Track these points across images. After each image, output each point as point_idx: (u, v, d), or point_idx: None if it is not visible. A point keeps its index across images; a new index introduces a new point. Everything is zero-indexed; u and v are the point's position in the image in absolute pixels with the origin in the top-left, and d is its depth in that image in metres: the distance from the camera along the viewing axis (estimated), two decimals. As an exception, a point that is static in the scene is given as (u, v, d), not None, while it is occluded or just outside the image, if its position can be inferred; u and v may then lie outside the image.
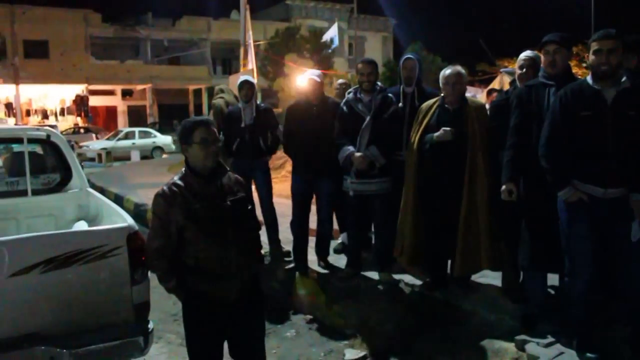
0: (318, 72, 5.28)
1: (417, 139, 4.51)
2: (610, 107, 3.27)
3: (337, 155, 4.89)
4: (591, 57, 3.31)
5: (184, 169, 2.85)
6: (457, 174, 4.31)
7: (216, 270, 2.75)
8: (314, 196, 5.39)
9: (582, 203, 3.33)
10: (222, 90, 6.87)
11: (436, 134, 4.34)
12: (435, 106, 4.50)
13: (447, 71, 4.44)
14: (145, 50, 35.98)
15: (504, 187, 3.80)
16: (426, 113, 4.53)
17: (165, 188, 2.79)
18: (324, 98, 5.22)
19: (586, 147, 3.34)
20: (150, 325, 3.32)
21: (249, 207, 2.97)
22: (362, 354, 4.28)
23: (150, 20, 36.17)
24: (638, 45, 3.98)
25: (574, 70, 3.99)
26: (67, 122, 32.35)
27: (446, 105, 4.44)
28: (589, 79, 3.38)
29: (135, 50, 37.14)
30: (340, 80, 5.96)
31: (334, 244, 6.07)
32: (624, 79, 3.30)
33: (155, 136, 25.69)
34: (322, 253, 5.52)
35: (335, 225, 5.94)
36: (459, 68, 4.46)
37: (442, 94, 4.50)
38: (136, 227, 3.37)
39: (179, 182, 2.80)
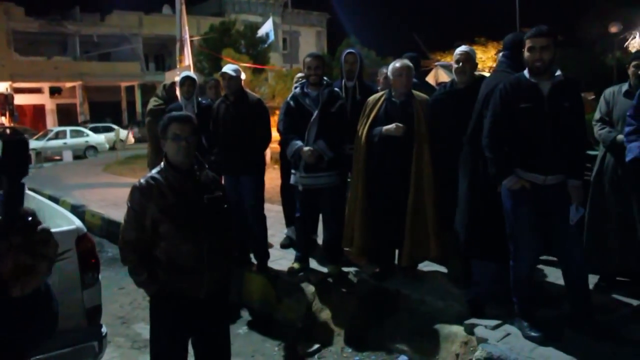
0: (235, 66, 5.15)
1: (365, 131, 4.59)
2: (547, 99, 3.45)
3: (263, 149, 5.00)
4: (526, 54, 3.50)
5: (163, 163, 2.81)
6: (404, 165, 4.43)
7: (187, 266, 2.71)
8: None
9: (525, 190, 3.51)
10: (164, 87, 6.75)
11: (385, 127, 4.44)
12: (382, 99, 4.59)
13: (396, 64, 4.53)
14: (74, 46, 34.60)
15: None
16: (373, 106, 4.61)
17: (142, 181, 2.76)
18: (242, 94, 5.12)
19: (526, 137, 3.52)
20: (104, 330, 3.26)
21: (225, 207, 2.94)
22: (315, 346, 4.33)
23: (78, 14, 34.79)
24: None
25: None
26: (-10, 122, 30.76)
27: (393, 99, 4.54)
28: (526, 73, 3.56)
29: (63, 46, 35.61)
30: (299, 74, 5.92)
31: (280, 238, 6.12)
32: (558, 72, 3.49)
33: (88, 135, 24.79)
34: (257, 253, 5.37)
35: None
36: (407, 61, 4.57)
37: (382, 88, 4.59)
38: (85, 229, 3.29)
39: (157, 176, 2.76)
